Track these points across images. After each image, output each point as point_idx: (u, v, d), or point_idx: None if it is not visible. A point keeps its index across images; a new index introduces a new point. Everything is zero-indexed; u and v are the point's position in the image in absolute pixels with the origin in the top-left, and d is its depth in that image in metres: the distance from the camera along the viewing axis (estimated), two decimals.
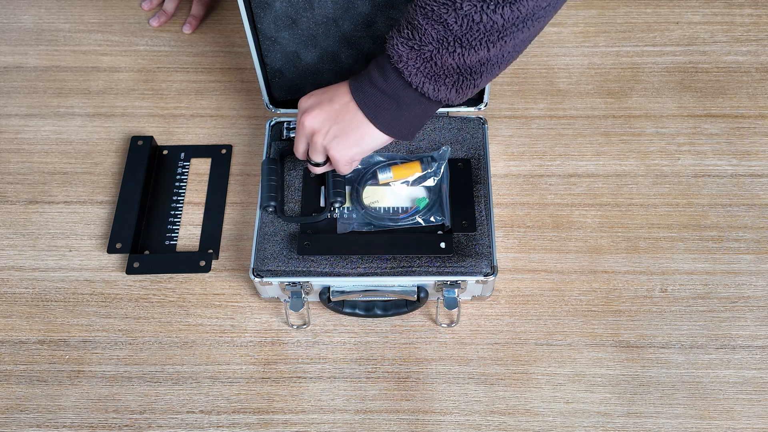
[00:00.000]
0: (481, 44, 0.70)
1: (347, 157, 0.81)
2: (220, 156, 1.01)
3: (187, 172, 1.00)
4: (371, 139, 0.79)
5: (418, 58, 0.72)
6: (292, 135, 0.95)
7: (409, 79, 0.74)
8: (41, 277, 0.93)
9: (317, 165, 0.85)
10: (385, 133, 0.79)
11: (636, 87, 1.05)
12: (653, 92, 1.05)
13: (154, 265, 0.92)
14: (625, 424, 0.82)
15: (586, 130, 1.02)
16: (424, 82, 0.74)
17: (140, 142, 1.00)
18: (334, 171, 0.87)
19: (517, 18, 0.68)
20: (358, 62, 0.92)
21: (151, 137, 1.00)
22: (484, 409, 0.84)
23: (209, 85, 1.08)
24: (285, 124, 0.96)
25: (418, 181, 0.89)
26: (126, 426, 0.84)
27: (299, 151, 0.85)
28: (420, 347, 0.88)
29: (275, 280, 0.85)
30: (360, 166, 0.91)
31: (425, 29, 0.70)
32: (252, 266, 0.85)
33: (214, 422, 0.84)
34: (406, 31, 0.72)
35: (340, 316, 0.89)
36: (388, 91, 0.76)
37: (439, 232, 0.86)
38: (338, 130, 0.79)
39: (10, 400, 0.85)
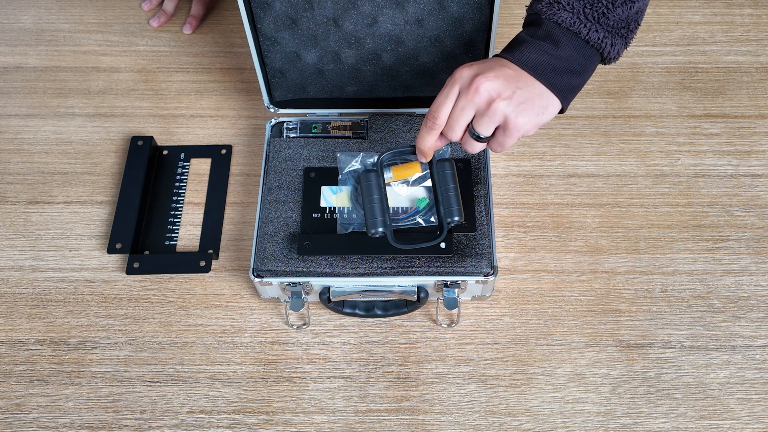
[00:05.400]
0: None
1: (529, 126, 0.73)
2: (220, 156, 1.01)
3: (187, 172, 1.00)
4: (553, 109, 0.74)
5: (592, 14, 0.72)
6: (292, 135, 0.95)
7: (587, 36, 0.73)
8: (41, 277, 0.93)
9: (482, 140, 0.75)
10: (561, 100, 0.74)
11: (636, 87, 1.05)
12: (653, 92, 1.05)
13: (154, 265, 0.92)
14: (625, 424, 0.82)
15: (586, 130, 1.02)
16: (603, 38, 0.73)
17: (140, 143, 1.00)
18: (446, 184, 0.83)
19: None
20: (358, 62, 0.92)
21: (151, 137, 1.00)
22: (484, 409, 0.84)
23: (209, 85, 1.08)
24: (285, 124, 0.96)
25: (418, 181, 0.89)
26: (126, 426, 0.84)
27: (459, 124, 0.75)
28: (420, 347, 0.88)
29: (275, 281, 0.85)
30: (360, 167, 0.91)
31: None
32: (252, 266, 0.86)
33: (214, 422, 0.84)
34: None
35: (340, 316, 0.89)
36: (563, 56, 0.73)
37: (439, 232, 0.86)
38: (523, 95, 0.72)
39: (10, 400, 0.85)
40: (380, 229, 0.83)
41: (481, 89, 0.72)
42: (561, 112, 0.76)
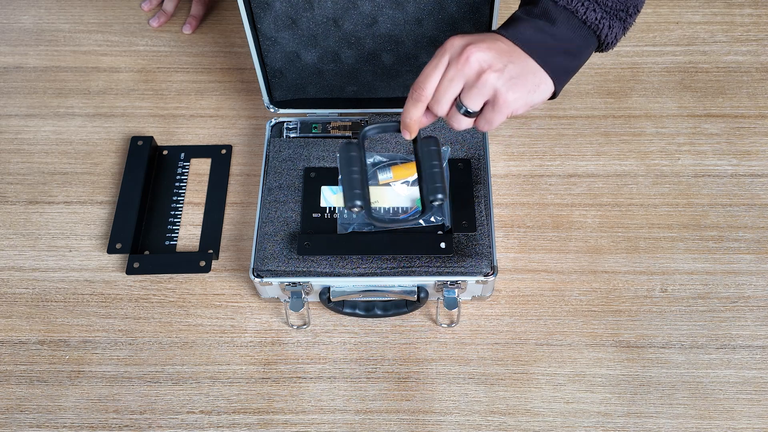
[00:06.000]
0: None
1: (520, 104, 0.70)
2: (220, 156, 1.01)
3: (187, 172, 1.00)
4: (545, 88, 0.71)
5: None
6: (292, 135, 0.95)
7: (585, 16, 0.71)
8: (41, 278, 0.93)
9: (470, 115, 0.72)
10: (554, 81, 0.72)
11: (636, 87, 1.05)
12: (653, 92, 1.05)
13: (154, 265, 0.92)
14: (626, 424, 0.82)
15: (586, 130, 1.02)
16: (600, 19, 0.71)
17: (140, 143, 1.00)
18: (430, 161, 0.77)
19: None
20: (358, 62, 0.92)
21: (151, 137, 1.00)
22: (484, 409, 0.84)
23: (209, 85, 1.08)
24: (285, 124, 0.96)
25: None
26: (126, 426, 0.84)
27: (446, 96, 0.71)
28: (420, 347, 0.88)
29: (275, 281, 0.85)
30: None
31: None
32: (252, 266, 0.86)
33: (214, 422, 0.84)
34: None
35: (340, 316, 0.89)
36: (559, 35, 0.71)
37: (439, 232, 0.86)
38: (515, 70, 0.69)
39: (10, 400, 0.85)
40: (358, 203, 0.76)
41: (471, 59, 0.69)
42: (553, 97, 0.74)
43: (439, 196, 0.75)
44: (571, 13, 0.72)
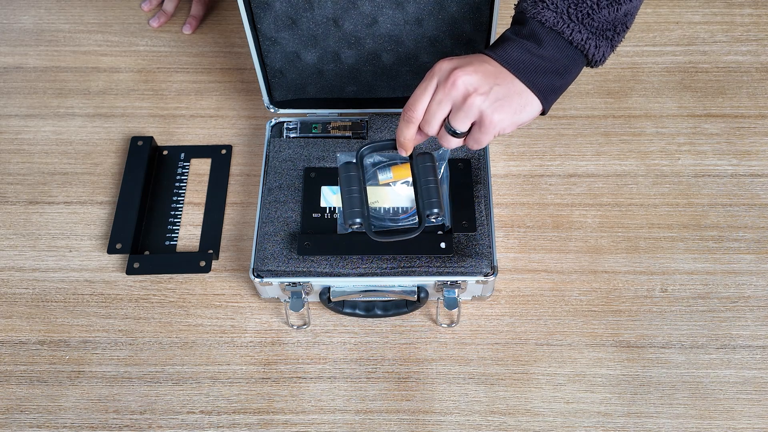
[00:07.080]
0: None
1: (506, 124, 0.72)
2: (220, 156, 1.01)
3: (187, 172, 1.00)
4: (531, 108, 0.73)
5: (576, 15, 0.71)
6: (292, 135, 0.95)
7: (571, 37, 0.72)
8: (41, 278, 0.93)
9: (458, 135, 0.74)
10: (542, 101, 0.73)
11: (636, 87, 1.05)
12: (653, 92, 1.05)
13: (154, 265, 0.92)
14: (626, 424, 0.82)
15: (586, 130, 1.02)
16: (587, 39, 0.72)
17: (140, 143, 1.00)
18: (425, 177, 0.80)
19: None
20: (358, 62, 0.92)
21: (151, 137, 1.00)
22: (484, 409, 0.84)
23: (209, 85, 1.08)
24: (285, 124, 0.96)
25: None
26: (126, 426, 0.84)
27: (436, 118, 0.74)
28: (420, 347, 0.88)
29: (275, 281, 0.85)
30: None
31: None
32: (252, 266, 0.86)
33: (214, 422, 0.84)
34: None
35: (340, 316, 0.89)
36: (546, 55, 0.72)
37: (439, 232, 0.86)
38: (501, 92, 0.71)
39: (10, 401, 0.85)
40: (357, 220, 0.79)
41: (458, 83, 0.71)
42: (543, 113, 0.75)
43: (435, 210, 0.78)
44: (558, 34, 0.73)
